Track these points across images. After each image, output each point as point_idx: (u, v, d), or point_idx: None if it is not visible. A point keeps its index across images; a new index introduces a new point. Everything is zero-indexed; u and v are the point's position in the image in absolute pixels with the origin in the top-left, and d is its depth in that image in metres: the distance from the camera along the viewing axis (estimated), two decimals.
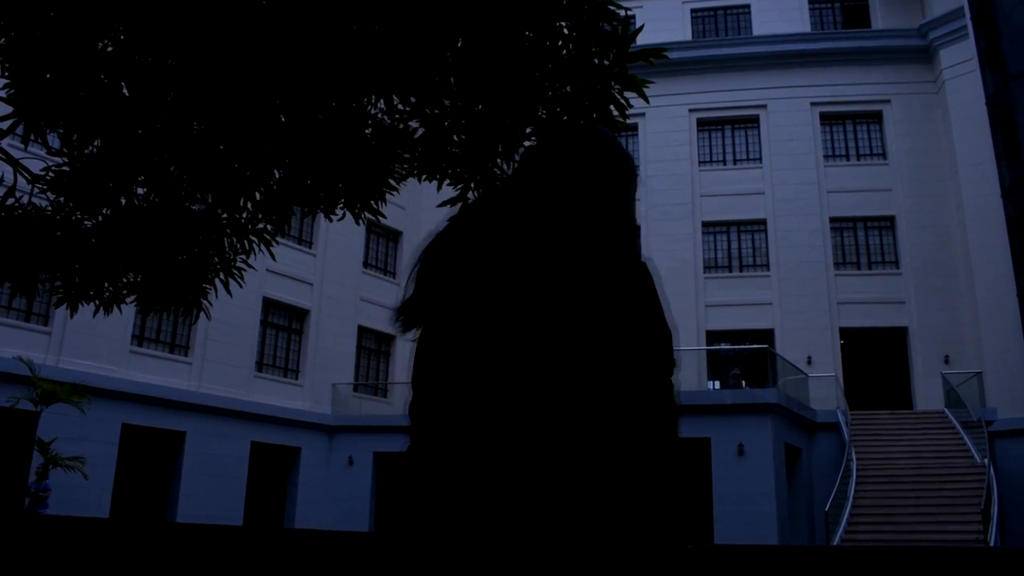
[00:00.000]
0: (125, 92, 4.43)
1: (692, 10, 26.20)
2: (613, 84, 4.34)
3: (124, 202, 5.17)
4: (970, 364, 20.77)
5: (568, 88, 4.36)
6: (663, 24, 24.74)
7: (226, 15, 4.00)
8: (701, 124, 24.92)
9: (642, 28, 4.58)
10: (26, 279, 4.98)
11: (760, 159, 24.27)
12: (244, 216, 5.53)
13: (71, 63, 4.12)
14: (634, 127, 24.15)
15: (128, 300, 5.52)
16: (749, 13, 25.81)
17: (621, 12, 4.37)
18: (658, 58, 4.57)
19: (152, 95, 4.39)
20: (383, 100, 4.61)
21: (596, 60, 4.29)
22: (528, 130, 4.53)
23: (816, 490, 18.47)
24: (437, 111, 4.59)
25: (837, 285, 22.71)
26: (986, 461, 16.67)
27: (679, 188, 23.85)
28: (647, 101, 4.66)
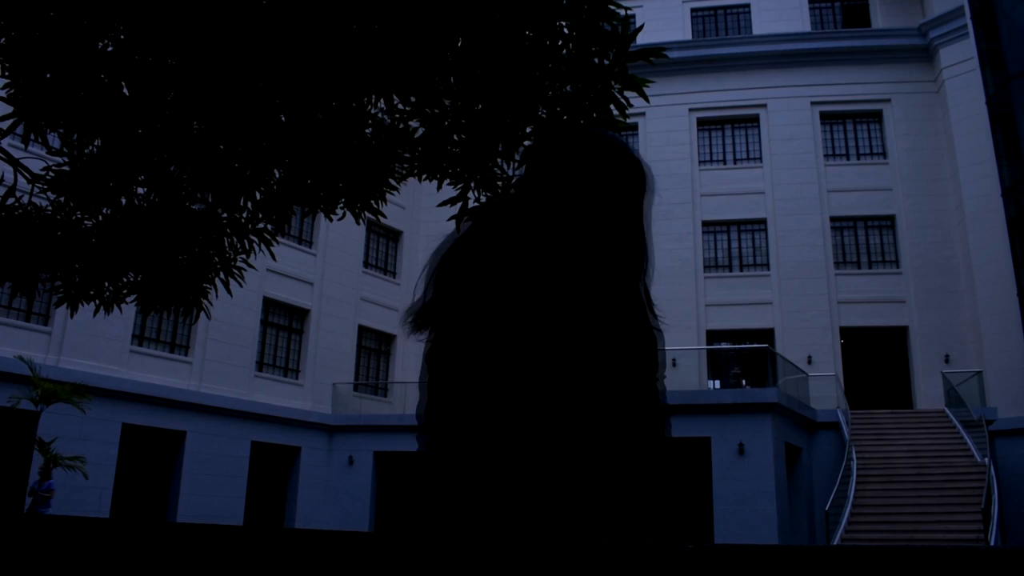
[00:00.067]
0: (125, 92, 4.44)
1: (692, 9, 26.20)
2: (613, 83, 4.34)
3: (124, 202, 5.17)
4: (970, 363, 20.78)
5: (568, 87, 4.36)
6: (663, 23, 24.76)
7: (226, 15, 4.00)
8: (701, 123, 24.92)
9: (642, 27, 4.59)
10: (26, 279, 4.98)
11: (760, 158, 24.27)
12: (244, 216, 5.54)
13: (71, 63, 4.12)
14: (634, 126, 24.15)
15: (128, 300, 5.53)
16: (749, 12, 25.81)
17: (621, 12, 4.37)
18: (658, 57, 4.56)
19: (152, 95, 4.39)
20: (383, 100, 4.62)
21: (596, 59, 4.29)
22: (528, 130, 4.53)
23: (816, 489, 18.48)
24: (437, 111, 4.59)
25: (837, 284, 22.71)
26: (986, 460, 16.66)
27: (679, 187, 23.84)
28: (647, 100, 4.66)
